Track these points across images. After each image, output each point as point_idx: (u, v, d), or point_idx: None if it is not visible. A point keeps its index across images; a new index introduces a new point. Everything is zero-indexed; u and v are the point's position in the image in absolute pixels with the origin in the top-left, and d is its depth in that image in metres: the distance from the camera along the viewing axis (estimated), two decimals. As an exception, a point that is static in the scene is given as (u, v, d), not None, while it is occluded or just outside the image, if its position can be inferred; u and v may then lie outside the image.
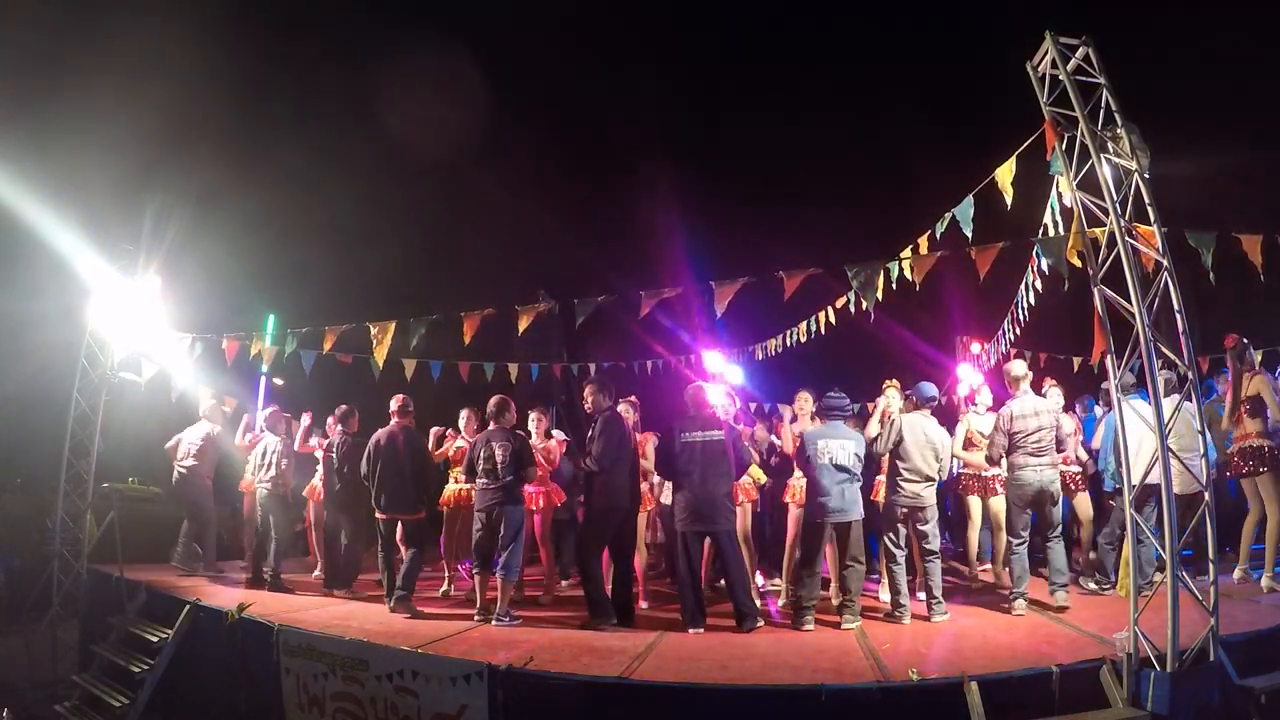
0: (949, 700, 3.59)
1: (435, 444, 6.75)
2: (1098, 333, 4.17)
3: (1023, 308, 7.42)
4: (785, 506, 6.24)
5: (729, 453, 5.31)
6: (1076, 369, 8.97)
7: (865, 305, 5.26)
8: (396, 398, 6.26)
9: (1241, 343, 5.67)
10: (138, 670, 5.51)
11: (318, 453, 7.21)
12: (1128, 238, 4.02)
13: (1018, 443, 5.30)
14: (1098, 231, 4.23)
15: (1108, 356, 4.17)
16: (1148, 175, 4.11)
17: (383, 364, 6.41)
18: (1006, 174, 4.66)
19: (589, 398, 5.65)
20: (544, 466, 6.41)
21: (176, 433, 7.53)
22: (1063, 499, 5.52)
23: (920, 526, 5.31)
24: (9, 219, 7.76)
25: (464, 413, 6.72)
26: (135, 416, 8.38)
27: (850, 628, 5.03)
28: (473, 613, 5.55)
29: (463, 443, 6.57)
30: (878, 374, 6.55)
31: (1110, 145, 4.13)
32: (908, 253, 5.14)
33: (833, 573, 5.67)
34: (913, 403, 5.58)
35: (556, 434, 7.03)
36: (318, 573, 7.30)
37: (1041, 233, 5.18)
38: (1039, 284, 6.62)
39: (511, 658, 4.18)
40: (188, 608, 5.68)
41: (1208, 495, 3.95)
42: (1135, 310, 3.94)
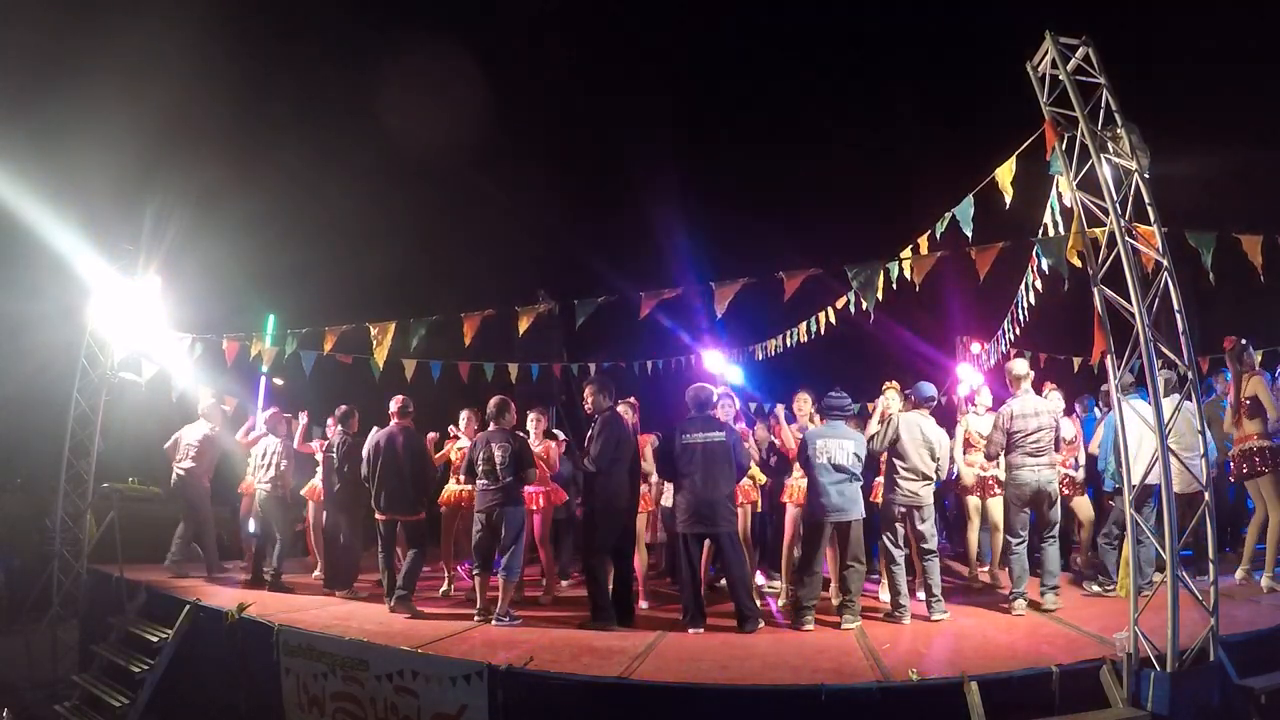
0: (949, 700, 3.59)
1: (436, 446, 6.75)
2: (1098, 333, 4.16)
3: (1023, 308, 7.41)
4: (784, 506, 6.25)
5: (731, 454, 5.31)
6: (1076, 369, 8.97)
7: (865, 305, 5.25)
8: (396, 398, 6.26)
9: (1240, 344, 5.66)
10: (138, 670, 5.51)
11: (318, 455, 7.21)
12: (1128, 238, 4.02)
13: (1016, 442, 5.30)
14: (1098, 231, 4.23)
15: (1108, 356, 4.17)
16: (1148, 175, 4.11)
17: (383, 364, 6.41)
18: (1006, 174, 4.66)
19: (589, 398, 5.65)
20: (543, 468, 6.41)
21: (176, 433, 7.52)
22: (1060, 501, 5.52)
23: (918, 525, 5.32)
24: (9, 219, 7.76)
25: (464, 413, 6.72)
26: (135, 416, 8.38)
27: (850, 628, 5.03)
28: (473, 613, 5.55)
29: (464, 444, 6.57)
30: (878, 374, 6.55)
31: (1110, 145, 4.13)
32: (907, 253, 5.13)
33: (833, 573, 5.67)
34: (911, 402, 5.59)
35: (556, 434, 7.03)
36: (318, 573, 7.30)
37: (1041, 233, 5.18)
38: (1039, 284, 6.62)
39: (511, 658, 4.18)
40: (188, 608, 5.68)
41: (1208, 495, 3.94)
42: (1135, 310, 3.93)
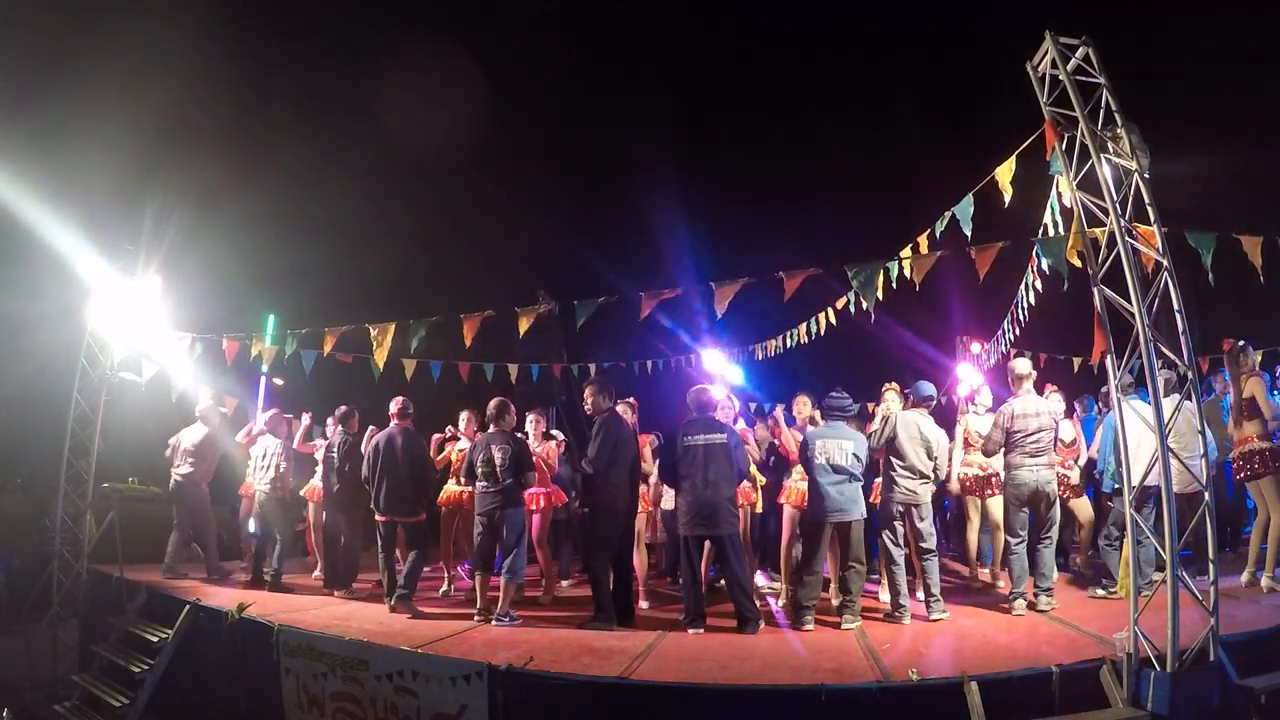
0: (949, 700, 3.59)
1: (437, 449, 6.75)
2: (1098, 333, 4.16)
3: (1023, 308, 7.41)
4: (781, 507, 6.24)
5: (732, 456, 5.30)
6: (1076, 369, 8.96)
7: (865, 305, 5.25)
8: (396, 400, 6.26)
9: (1238, 346, 5.66)
10: (138, 670, 5.51)
11: (318, 454, 7.21)
12: (1128, 238, 4.02)
13: (1016, 442, 5.29)
14: (1098, 231, 4.23)
15: (1108, 356, 4.17)
16: (1148, 175, 4.11)
17: (383, 365, 6.41)
18: (1006, 173, 4.66)
19: (589, 399, 5.65)
20: (543, 469, 6.40)
21: (176, 432, 7.50)
22: (1059, 502, 5.51)
23: (917, 524, 5.32)
24: (9, 219, 7.75)
25: (463, 414, 6.71)
26: (135, 416, 8.37)
27: (850, 628, 5.03)
28: (473, 613, 5.55)
29: (464, 445, 6.57)
30: (878, 374, 6.56)
31: (1110, 145, 4.13)
32: (907, 252, 5.13)
33: (833, 573, 5.67)
34: (910, 401, 5.59)
35: (555, 434, 7.03)
36: (318, 573, 7.29)
37: (1041, 233, 5.18)
38: (1039, 284, 6.62)
39: (511, 658, 4.18)
40: (188, 608, 5.69)
41: (1207, 495, 3.94)
42: (1135, 310, 3.93)
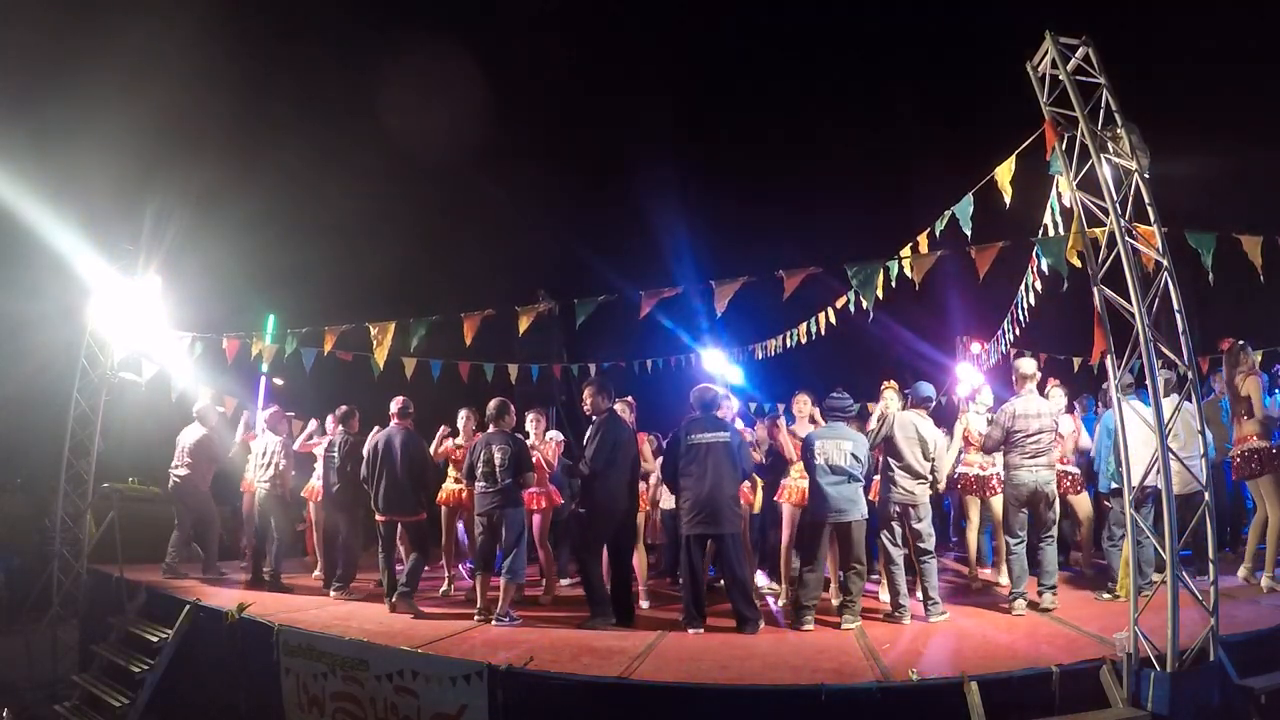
0: (949, 700, 3.59)
1: (437, 444, 6.75)
2: (1098, 333, 4.16)
3: (1023, 308, 7.42)
4: (779, 507, 6.23)
5: (734, 455, 5.29)
6: (1076, 369, 8.97)
7: (865, 305, 5.25)
8: (396, 399, 6.25)
9: (1237, 345, 5.66)
10: (138, 670, 5.51)
11: (318, 450, 7.21)
12: (1128, 238, 4.02)
13: (1016, 442, 5.29)
14: (1098, 231, 4.23)
15: (1108, 356, 4.17)
16: (1148, 175, 4.11)
17: (383, 364, 6.41)
18: (1006, 173, 4.67)
19: (588, 399, 5.65)
20: (543, 469, 6.41)
21: (176, 433, 7.51)
22: (1059, 499, 5.52)
23: (914, 525, 5.31)
24: (9, 219, 7.75)
25: (463, 413, 6.71)
26: (135, 416, 8.38)
27: (850, 628, 5.03)
28: (473, 613, 5.56)
29: (459, 442, 6.57)
30: (878, 374, 6.56)
31: (1110, 145, 4.13)
32: (907, 252, 5.13)
33: (833, 574, 5.67)
34: (910, 402, 5.59)
35: (554, 434, 7.03)
36: (318, 573, 7.29)
37: (1041, 233, 5.18)
38: (1039, 284, 6.62)
39: (511, 658, 4.19)
40: (188, 608, 5.69)
41: (1207, 495, 3.94)
42: (1135, 310, 3.93)
